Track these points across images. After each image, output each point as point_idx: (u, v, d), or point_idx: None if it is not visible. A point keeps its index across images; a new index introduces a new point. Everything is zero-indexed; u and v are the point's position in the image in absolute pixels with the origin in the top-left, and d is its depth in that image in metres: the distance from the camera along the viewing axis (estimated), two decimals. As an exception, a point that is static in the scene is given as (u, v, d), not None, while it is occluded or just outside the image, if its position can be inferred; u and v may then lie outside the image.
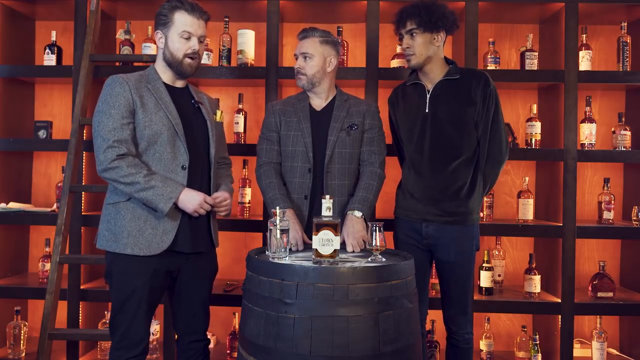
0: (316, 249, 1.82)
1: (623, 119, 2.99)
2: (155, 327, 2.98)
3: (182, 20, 1.98)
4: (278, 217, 1.87)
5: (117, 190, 1.95)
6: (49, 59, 3.02)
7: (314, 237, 1.82)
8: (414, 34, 2.21)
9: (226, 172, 2.27)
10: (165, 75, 2.06)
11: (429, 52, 2.23)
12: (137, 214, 1.93)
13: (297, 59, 2.28)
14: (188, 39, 1.99)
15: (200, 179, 2.04)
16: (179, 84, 2.10)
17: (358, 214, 2.16)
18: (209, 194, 2.06)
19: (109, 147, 1.87)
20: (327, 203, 1.86)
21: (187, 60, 2.01)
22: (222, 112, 2.22)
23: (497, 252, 2.99)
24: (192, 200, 1.93)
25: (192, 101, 2.10)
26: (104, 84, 1.97)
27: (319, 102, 2.32)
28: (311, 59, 2.24)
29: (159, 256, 1.94)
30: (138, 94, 1.94)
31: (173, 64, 2.02)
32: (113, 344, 1.96)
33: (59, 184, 3.00)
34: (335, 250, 1.81)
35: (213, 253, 2.16)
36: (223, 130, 2.29)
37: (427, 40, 2.21)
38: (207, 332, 2.18)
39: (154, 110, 1.95)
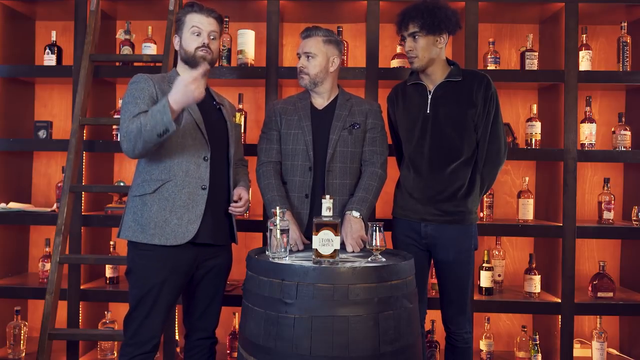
0: (316, 249, 1.82)
1: (623, 119, 2.99)
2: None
3: (192, 19, 2.08)
4: (278, 217, 1.87)
5: (144, 183, 2.00)
6: (49, 59, 3.02)
7: (314, 237, 1.82)
8: (417, 37, 2.20)
9: (243, 170, 2.32)
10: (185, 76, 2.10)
11: (431, 55, 2.22)
12: (162, 205, 1.98)
13: (299, 58, 2.27)
14: (198, 34, 2.07)
15: (220, 173, 2.11)
16: None
17: (356, 214, 2.16)
18: (228, 190, 2.14)
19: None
20: (327, 203, 1.86)
21: (200, 52, 2.07)
22: (240, 115, 2.27)
23: (497, 252, 2.99)
24: (180, 90, 1.83)
25: (214, 102, 2.17)
26: (130, 81, 2.03)
27: (320, 101, 2.32)
28: (314, 58, 2.23)
29: (180, 250, 1.98)
30: (161, 90, 2.02)
31: (188, 60, 2.09)
32: (125, 339, 2.00)
33: (59, 184, 3.00)
34: (335, 250, 1.81)
35: (230, 249, 2.21)
36: (241, 132, 2.33)
37: (430, 42, 2.20)
38: (208, 332, 2.20)
39: None
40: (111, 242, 3.06)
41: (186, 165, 2.00)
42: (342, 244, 2.10)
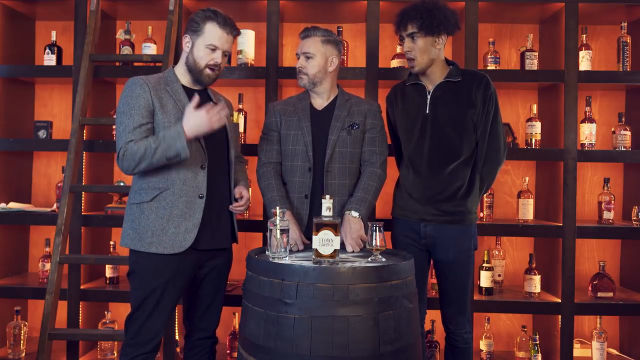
0: (316, 249, 1.82)
1: (623, 119, 2.99)
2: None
3: (212, 33, 2.02)
4: (278, 217, 1.87)
5: (141, 191, 1.99)
6: (49, 59, 3.02)
7: (314, 237, 1.82)
8: (415, 38, 2.19)
9: (242, 168, 2.31)
10: (185, 78, 2.10)
11: (430, 55, 2.21)
12: (160, 213, 1.97)
13: (298, 58, 2.27)
14: (213, 50, 2.03)
15: (219, 179, 2.09)
16: (198, 86, 2.14)
17: (355, 214, 2.16)
18: (229, 193, 2.13)
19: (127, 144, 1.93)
20: (327, 203, 1.86)
21: (207, 70, 2.05)
22: (239, 114, 2.27)
23: (497, 252, 2.99)
24: (197, 120, 1.90)
25: (211, 103, 2.14)
26: (125, 85, 2.01)
27: (320, 101, 2.32)
28: (312, 58, 2.23)
29: (181, 255, 1.98)
30: (157, 96, 1.99)
31: (194, 71, 2.06)
32: (126, 340, 2.01)
33: (59, 184, 3.00)
34: (335, 250, 1.81)
35: (230, 249, 2.21)
36: (238, 130, 2.32)
37: (429, 43, 2.20)
38: (208, 332, 2.21)
39: (172, 111, 2.00)
40: (111, 242, 3.06)
41: (184, 174, 1.98)
42: (342, 244, 2.10)
